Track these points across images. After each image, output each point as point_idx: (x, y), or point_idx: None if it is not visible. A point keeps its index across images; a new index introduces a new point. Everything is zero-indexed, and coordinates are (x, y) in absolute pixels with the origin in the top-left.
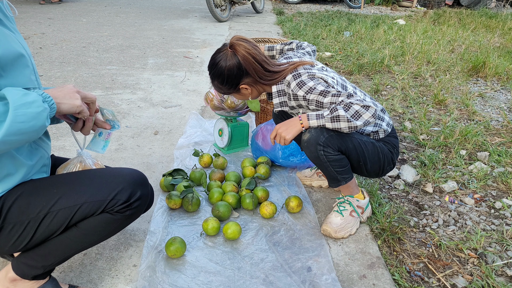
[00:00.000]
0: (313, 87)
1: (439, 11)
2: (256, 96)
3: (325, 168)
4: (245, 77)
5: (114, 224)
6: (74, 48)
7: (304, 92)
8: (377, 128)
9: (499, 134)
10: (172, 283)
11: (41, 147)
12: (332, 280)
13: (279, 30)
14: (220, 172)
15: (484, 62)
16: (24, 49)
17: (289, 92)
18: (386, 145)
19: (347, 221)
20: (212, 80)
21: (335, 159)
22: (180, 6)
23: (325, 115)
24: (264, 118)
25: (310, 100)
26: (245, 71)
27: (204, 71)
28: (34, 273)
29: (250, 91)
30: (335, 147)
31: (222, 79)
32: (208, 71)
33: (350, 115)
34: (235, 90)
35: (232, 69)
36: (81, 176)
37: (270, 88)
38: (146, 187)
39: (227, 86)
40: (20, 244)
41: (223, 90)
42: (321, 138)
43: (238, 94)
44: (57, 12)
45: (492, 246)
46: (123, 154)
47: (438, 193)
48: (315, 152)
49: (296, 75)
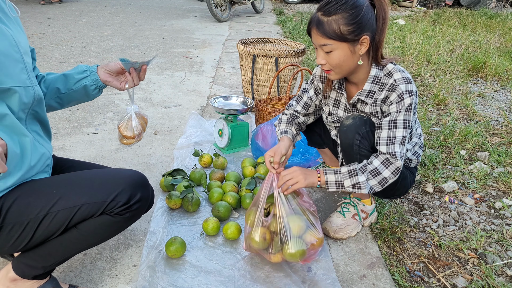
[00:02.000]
0: (412, 103)
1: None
2: (351, 66)
3: (352, 160)
4: (370, 31)
5: (114, 226)
6: (74, 48)
7: (404, 90)
8: (414, 157)
9: (499, 134)
10: (172, 283)
11: (43, 145)
12: (332, 280)
13: (279, 30)
14: (220, 172)
15: (484, 62)
16: (17, 47)
17: (388, 82)
18: (410, 176)
19: (348, 223)
20: (335, 12)
21: (365, 155)
22: (180, 6)
23: (342, 171)
24: (264, 118)
25: (392, 108)
26: (375, 24)
27: (204, 71)
28: (34, 273)
29: (364, 49)
30: (371, 143)
31: (356, 14)
32: (332, 3)
33: (372, 186)
34: (356, 37)
35: (369, 10)
36: (82, 177)
37: (366, 66)
38: (147, 189)
39: (354, 26)
40: (20, 244)
41: (343, 29)
42: (363, 128)
43: (350, 46)
44: (57, 12)
45: (492, 246)
46: (123, 154)
47: (438, 193)
48: (352, 139)
49: (401, 69)
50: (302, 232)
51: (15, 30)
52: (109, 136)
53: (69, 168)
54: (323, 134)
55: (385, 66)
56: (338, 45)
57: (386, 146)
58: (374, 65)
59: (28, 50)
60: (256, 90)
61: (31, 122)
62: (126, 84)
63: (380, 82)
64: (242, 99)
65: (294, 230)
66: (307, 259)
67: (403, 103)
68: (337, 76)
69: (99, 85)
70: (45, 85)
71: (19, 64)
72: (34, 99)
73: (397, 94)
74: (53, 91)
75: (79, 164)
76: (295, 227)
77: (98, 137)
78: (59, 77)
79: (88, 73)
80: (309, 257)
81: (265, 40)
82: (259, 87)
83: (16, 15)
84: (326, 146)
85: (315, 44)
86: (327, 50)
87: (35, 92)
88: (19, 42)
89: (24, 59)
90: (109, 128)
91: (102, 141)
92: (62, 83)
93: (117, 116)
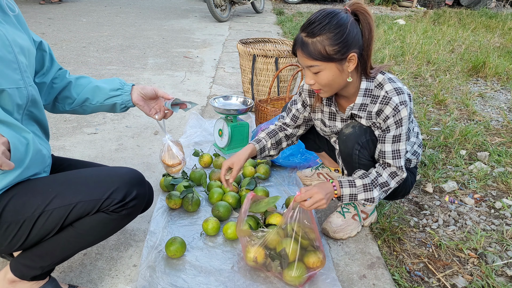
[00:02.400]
0: (407, 114)
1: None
2: (341, 83)
3: (351, 168)
4: (357, 48)
5: (111, 224)
6: (74, 48)
7: (398, 102)
8: (414, 157)
9: (499, 134)
10: (172, 283)
11: (42, 145)
12: (332, 280)
13: (279, 30)
14: (220, 172)
15: (484, 62)
16: (11, 47)
17: (379, 94)
18: (411, 177)
19: (348, 223)
20: (319, 33)
21: (365, 164)
22: (180, 6)
23: (357, 184)
24: (264, 118)
25: (386, 121)
26: (361, 40)
27: (204, 71)
28: (32, 274)
29: (353, 66)
30: (370, 153)
31: (341, 33)
32: (315, 23)
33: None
34: (342, 56)
35: (354, 27)
36: (77, 175)
37: (355, 81)
38: (143, 186)
39: (340, 45)
40: (17, 243)
41: (328, 49)
42: (363, 138)
43: (338, 65)
44: (57, 12)
45: (492, 246)
46: (123, 154)
47: (438, 193)
48: (351, 149)
49: (390, 79)
50: (302, 256)
51: (9, 29)
52: (109, 136)
53: (67, 167)
54: (317, 139)
55: (374, 77)
56: (325, 65)
57: (392, 160)
58: (363, 77)
59: (28, 48)
60: (256, 90)
61: (28, 123)
62: (156, 115)
63: (372, 94)
64: (242, 99)
65: (294, 255)
66: (306, 281)
67: (399, 115)
68: (327, 94)
69: (129, 105)
70: (75, 92)
71: (12, 65)
72: (28, 100)
73: (391, 107)
74: (81, 100)
75: (77, 163)
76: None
77: (98, 137)
78: (92, 88)
79: (121, 92)
80: (308, 278)
81: (265, 40)
82: (259, 87)
83: (14, 13)
84: (322, 150)
85: (302, 65)
86: (315, 71)
87: (28, 93)
88: (13, 41)
89: (18, 58)
90: (109, 128)
91: (102, 141)
92: (93, 95)
93: (117, 116)
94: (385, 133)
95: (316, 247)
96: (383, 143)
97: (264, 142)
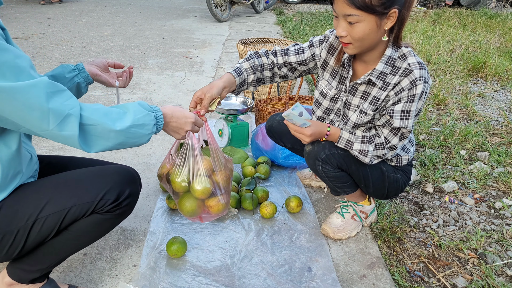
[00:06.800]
0: (424, 91)
1: (439, 11)
2: (374, 41)
3: (324, 180)
4: (399, 5)
5: (105, 224)
6: (74, 48)
7: (418, 76)
8: (404, 152)
9: (499, 134)
10: (173, 282)
11: (27, 150)
12: (332, 280)
13: (279, 30)
14: None
15: (484, 62)
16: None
17: (401, 66)
18: (403, 176)
19: (347, 223)
20: None
21: (335, 175)
22: (180, 6)
23: (357, 134)
24: (264, 118)
25: (399, 94)
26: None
27: (204, 71)
28: (31, 277)
29: (390, 24)
30: (334, 165)
31: None
32: None
33: (373, 156)
34: (385, 9)
35: None
36: (67, 178)
37: (383, 45)
38: (135, 184)
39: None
40: (13, 252)
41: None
42: (321, 154)
43: (377, 19)
44: (57, 12)
45: (492, 246)
46: (123, 154)
47: (438, 193)
48: (314, 165)
49: (415, 55)
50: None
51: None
52: None
53: (57, 166)
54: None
55: (400, 47)
56: (365, 17)
57: (396, 137)
58: (390, 45)
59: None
60: (256, 90)
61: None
62: (116, 82)
63: (394, 64)
64: (242, 99)
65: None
66: (196, 218)
67: (415, 90)
68: (355, 51)
69: (89, 81)
70: None
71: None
72: None
73: (409, 80)
74: None
75: (68, 162)
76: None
77: None
78: (49, 78)
79: (77, 71)
80: (202, 214)
81: (265, 40)
82: (259, 87)
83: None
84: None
85: (338, 14)
86: (352, 21)
87: None
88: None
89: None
90: None
91: None
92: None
93: None
94: (393, 106)
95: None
96: (391, 117)
97: (246, 75)
